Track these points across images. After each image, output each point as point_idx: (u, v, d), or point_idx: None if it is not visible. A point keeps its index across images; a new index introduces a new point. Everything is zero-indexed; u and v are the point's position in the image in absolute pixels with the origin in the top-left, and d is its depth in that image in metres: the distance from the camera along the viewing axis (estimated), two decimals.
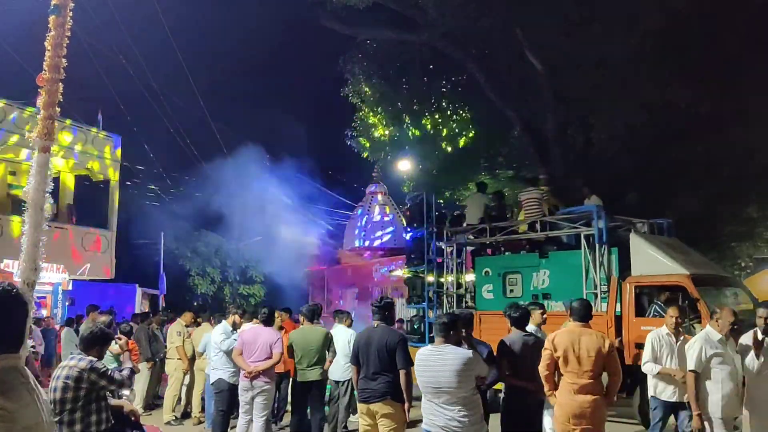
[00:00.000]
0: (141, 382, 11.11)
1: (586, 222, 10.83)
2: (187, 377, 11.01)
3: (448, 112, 21.83)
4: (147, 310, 18.14)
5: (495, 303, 11.38)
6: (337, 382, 9.17)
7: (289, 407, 9.38)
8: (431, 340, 10.63)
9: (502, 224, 12.33)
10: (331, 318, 10.54)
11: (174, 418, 10.49)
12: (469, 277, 12.73)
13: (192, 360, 10.91)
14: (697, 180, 15.67)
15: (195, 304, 25.99)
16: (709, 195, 16.39)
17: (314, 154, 26.49)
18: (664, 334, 6.77)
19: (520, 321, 6.35)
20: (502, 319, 10.06)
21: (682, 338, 6.72)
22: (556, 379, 5.72)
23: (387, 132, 22.46)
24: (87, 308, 12.71)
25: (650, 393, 6.87)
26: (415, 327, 12.85)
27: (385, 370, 5.89)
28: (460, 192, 22.63)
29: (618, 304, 9.86)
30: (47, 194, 3.63)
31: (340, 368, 8.86)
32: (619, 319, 9.71)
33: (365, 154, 23.42)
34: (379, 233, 23.99)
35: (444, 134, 22.70)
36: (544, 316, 7.38)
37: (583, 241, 10.67)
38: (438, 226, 12.87)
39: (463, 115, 22.14)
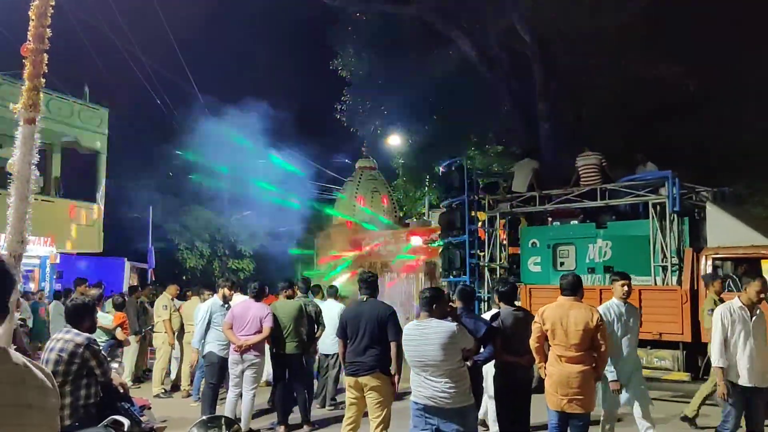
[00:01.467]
0: (130, 355, 11.15)
1: (651, 189, 10.22)
2: (177, 350, 11.06)
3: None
4: (136, 284, 18.10)
5: (543, 276, 10.84)
6: (326, 355, 9.24)
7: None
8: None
9: (555, 192, 11.50)
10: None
11: (163, 390, 10.55)
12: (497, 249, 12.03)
13: (180, 333, 10.96)
14: (686, 156, 15.72)
15: (184, 278, 26.02)
16: (699, 171, 16.49)
17: (303, 128, 26.31)
18: (737, 307, 5.88)
19: (509, 296, 6.40)
20: (553, 292, 9.98)
21: (758, 313, 5.87)
22: (546, 351, 5.78)
23: (375, 105, 22.34)
24: (75, 282, 12.67)
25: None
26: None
27: (375, 344, 5.94)
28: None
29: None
30: (33, 166, 3.58)
31: (329, 341, 8.92)
32: (694, 294, 9.15)
33: (355, 129, 23.33)
34: (368, 207, 23.94)
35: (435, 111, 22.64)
36: (626, 288, 6.32)
37: (651, 210, 9.98)
38: (479, 194, 12.16)
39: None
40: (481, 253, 12.04)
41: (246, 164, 23.87)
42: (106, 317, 9.01)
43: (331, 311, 8.99)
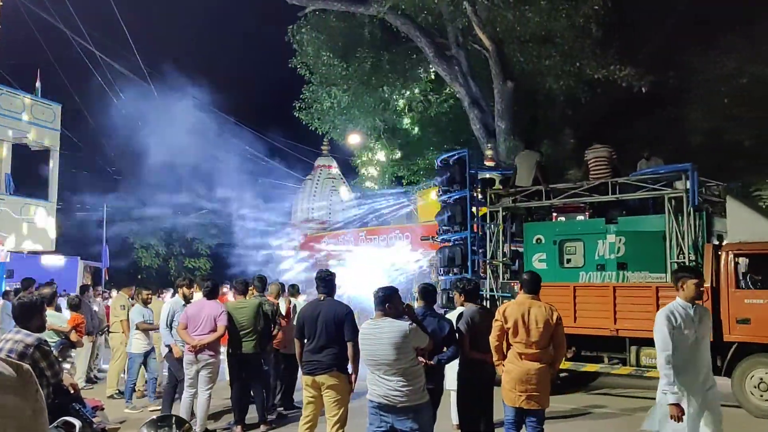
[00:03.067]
0: (82, 355, 10.95)
1: (665, 183, 9.92)
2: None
3: (397, 84, 21.78)
4: (89, 283, 17.76)
5: (549, 273, 10.32)
6: (285, 355, 9.20)
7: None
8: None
9: (562, 186, 11.10)
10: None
11: (117, 391, 10.38)
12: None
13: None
14: (637, 158, 16.14)
15: (139, 277, 25.62)
16: None
17: (262, 126, 26.17)
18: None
19: (473, 294, 6.45)
20: (563, 291, 9.92)
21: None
22: (505, 350, 5.85)
23: (336, 105, 22.30)
24: (22, 282, 12.28)
25: None
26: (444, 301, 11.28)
27: (332, 343, 5.96)
28: (414, 164, 22.74)
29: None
30: None
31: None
32: (715, 292, 8.91)
33: (314, 127, 23.26)
34: (326, 206, 23.94)
35: (394, 109, 22.72)
36: (699, 287, 5.16)
37: (667, 205, 9.64)
38: (481, 189, 11.73)
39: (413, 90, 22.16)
40: (479, 250, 11.62)
41: (203, 161, 23.62)
42: (59, 317, 8.82)
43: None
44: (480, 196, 11.82)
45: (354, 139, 24.48)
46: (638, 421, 8.57)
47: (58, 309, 9.53)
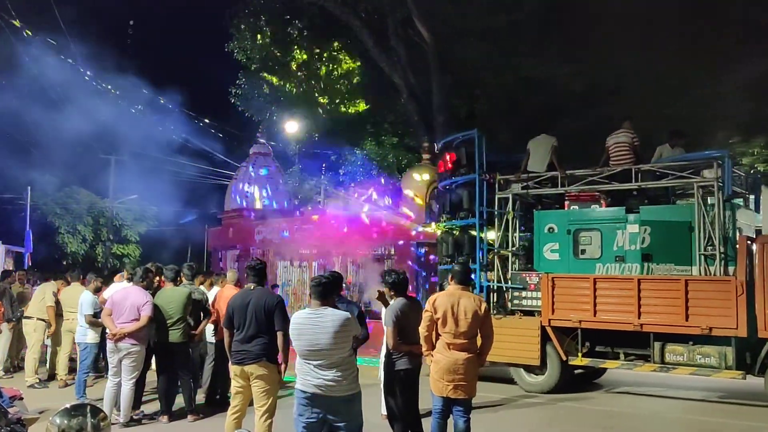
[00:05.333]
0: (1, 343, 10.52)
1: (693, 171, 9.45)
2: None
3: (334, 74, 21.68)
4: (11, 269, 17.04)
5: (562, 264, 10.07)
6: (212, 344, 9.04)
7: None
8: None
9: (580, 172, 10.47)
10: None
11: (38, 380, 10.03)
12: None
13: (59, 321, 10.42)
14: (572, 156, 16.55)
15: (64, 263, 24.76)
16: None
17: (196, 111, 25.57)
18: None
19: (401, 287, 6.43)
20: (581, 283, 9.46)
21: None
22: (434, 340, 5.87)
23: (274, 92, 22.04)
24: None
25: None
26: None
27: (262, 332, 5.88)
28: (346, 157, 22.66)
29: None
30: None
31: (212, 329, 8.76)
32: (749, 286, 8.48)
33: (250, 114, 22.94)
34: (260, 193, 23.62)
35: (328, 99, 22.60)
36: None
37: (696, 194, 9.19)
38: (491, 174, 10.93)
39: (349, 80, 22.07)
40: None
41: (134, 145, 22.96)
42: None
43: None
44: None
45: (291, 128, 24.21)
46: (566, 410, 8.83)
47: None
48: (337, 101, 22.87)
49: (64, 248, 26.40)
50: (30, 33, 19.21)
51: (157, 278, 8.80)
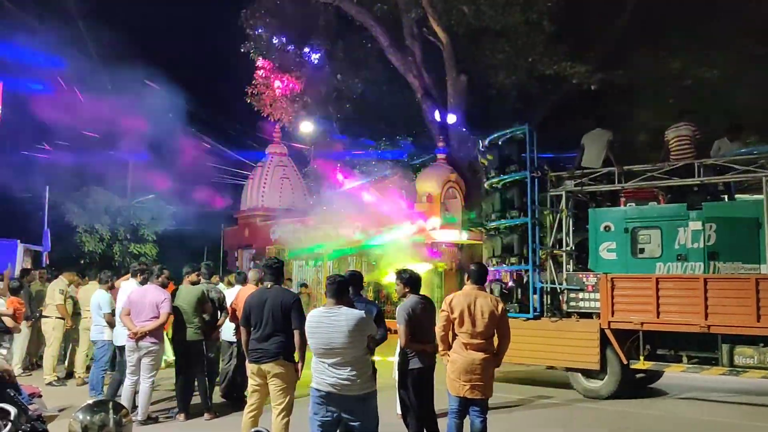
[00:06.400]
0: (20, 341, 10.65)
1: (759, 165, 9.08)
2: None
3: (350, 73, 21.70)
4: (29, 267, 17.22)
5: (619, 264, 9.75)
6: (231, 343, 9.10)
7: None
8: (526, 310, 10.00)
9: (638, 168, 10.06)
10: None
11: (56, 378, 10.15)
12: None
13: (76, 319, 10.53)
14: (572, 157, 16.56)
15: (82, 262, 24.95)
16: None
17: (213, 111, 25.75)
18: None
19: (416, 285, 6.43)
20: (643, 283, 9.10)
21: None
22: (450, 340, 5.87)
23: (289, 92, 22.09)
24: None
25: None
26: (504, 292, 10.45)
27: (279, 331, 5.90)
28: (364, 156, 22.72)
29: None
30: None
31: (232, 329, 8.80)
32: None
33: (266, 114, 23.02)
34: (277, 194, 23.75)
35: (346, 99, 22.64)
36: None
37: (765, 188, 8.80)
38: (543, 170, 10.54)
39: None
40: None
41: (151, 144, 23.13)
42: None
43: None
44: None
45: (306, 127, 24.30)
46: (580, 411, 8.81)
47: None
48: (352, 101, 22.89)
49: (82, 247, 26.55)
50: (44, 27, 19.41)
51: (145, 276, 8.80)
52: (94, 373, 9.06)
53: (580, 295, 9.88)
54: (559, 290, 10.16)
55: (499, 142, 11.16)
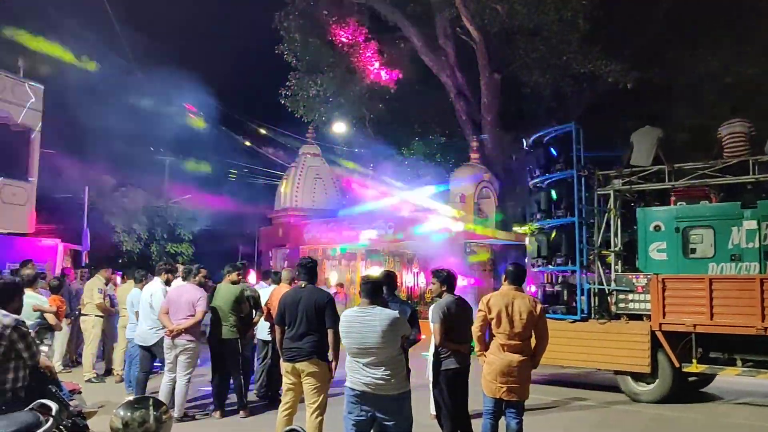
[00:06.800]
0: (60, 339, 10.87)
1: None
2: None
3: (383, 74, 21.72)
4: (69, 266, 17.60)
5: (670, 265, 9.51)
6: (266, 342, 9.18)
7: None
8: (573, 312, 9.84)
9: (689, 166, 9.83)
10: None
11: (95, 375, 10.34)
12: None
13: (115, 317, 10.74)
14: (618, 155, 16.31)
15: (120, 261, 25.40)
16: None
17: (247, 112, 26.00)
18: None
19: (452, 284, 6.41)
20: (695, 284, 8.83)
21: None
22: (487, 340, 5.84)
23: (322, 92, 22.20)
24: (21, 264, 12.04)
25: None
26: (541, 294, 10.40)
27: (313, 330, 5.93)
28: (397, 156, 22.73)
29: None
30: None
31: (267, 328, 8.87)
32: None
33: (299, 114, 23.17)
34: (310, 194, 23.86)
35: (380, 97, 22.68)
36: None
37: None
38: (590, 168, 10.31)
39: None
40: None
41: (186, 146, 23.44)
42: (40, 299, 8.71)
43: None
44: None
45: (339, 128, 24.39)
46: (615, 414, 8.70)
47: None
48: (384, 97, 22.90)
49: (120, 246, 27.07)
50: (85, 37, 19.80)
51: (170, 275, 8.93)
52: (131, 370, 9.23)
53: (630, 296, 9.60)
54: (607, 291, 9.93)
55: (544, 140, 10.98)
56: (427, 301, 17.33)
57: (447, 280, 6.33)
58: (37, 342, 4.91)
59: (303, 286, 6.19)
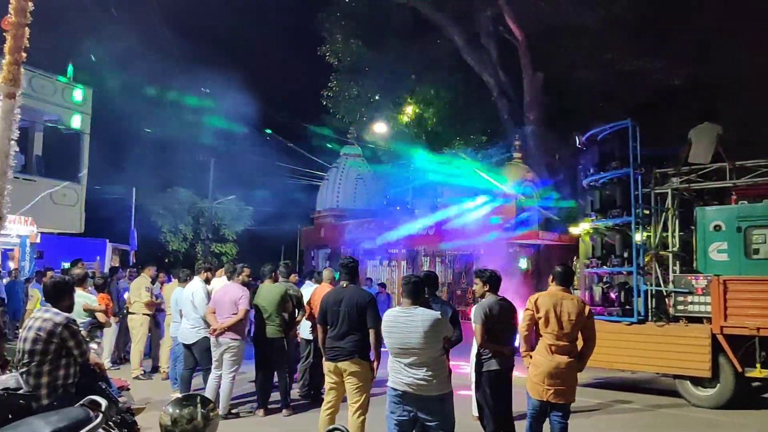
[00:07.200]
0: (109, 336, 11.11)
1: None
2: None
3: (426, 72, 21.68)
4: (117, 266, 18.01)
5: (731, 266, 9.17)
6: (308, 341, 9.24)
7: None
8: (630, 314, 9.59)
9: (752, 163, 9.52)
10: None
11: (142, 372, 10.54)
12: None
13: (162, 315, 10.95)
14: (672, 153, 15.94)
15: (166, 261, 25.90)
16: None
17: (288, 112, 26.23)
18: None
19: (495, 284, 6.36)
20: (760, 285, 8.55)
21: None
22: (533, 341, 5.77)
23: (363, 93, 22.27)
24: (72, 263, 12.37)
25: None
26: (597, 296, 10.19)
27: (354, 330, 5.95)
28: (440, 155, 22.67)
29: None
30: (12, 141, 3.54)
31: (309, 327, 8.93)
32: None
33: (340, 115, 23.28)
34: (352, 194, 23.97)
35: (420, 99, 22.63)
36: None
37: None
38: (647, 166, 10.01)
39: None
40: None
41: (230, 148, 23.74)
42: (90, 297, 8.91)
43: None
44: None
45: (380, 128, 24.43)
46: (661, 417, 8.52)
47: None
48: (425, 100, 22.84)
49: (167, 246, 27.62)
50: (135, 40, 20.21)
51: (209, 274, 9.10)
52: (177, 368, 9.37)
53: (689, 298, 9.25)
54: (665, 293, 9.62)
55: (599, 138, 10.73)
56: (469, 301, 17.22)
57: (490, 280, 6.28)
58: (87, 340, 5.03)
59: (345, 285, 6.22)
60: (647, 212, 10.10)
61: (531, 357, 5.69)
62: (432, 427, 4.73)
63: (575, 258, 15.08)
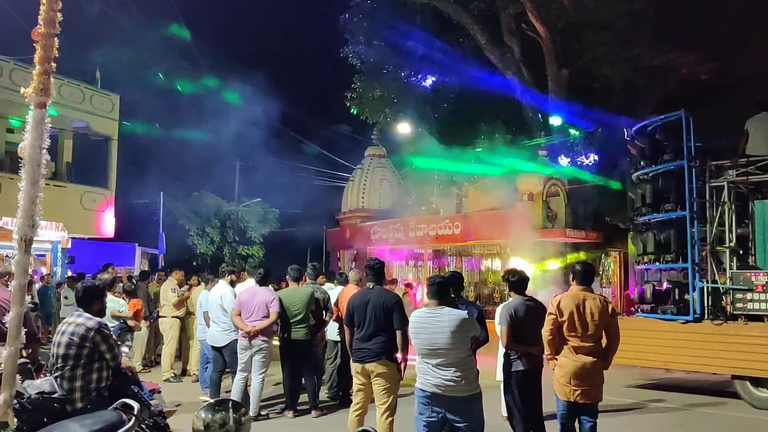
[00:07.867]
0: (140, 340, 11.25)
1: None
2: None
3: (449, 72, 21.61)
4: (147, 269, 18.25)
5: None
6: (336, 342, 9.27)
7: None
8: (685, 312, 9.39)
9: None
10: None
11: (173, 375, 10.66)
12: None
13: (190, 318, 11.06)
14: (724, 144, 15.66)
15: (194, 264, 26.16)
16: None
17: (312, 114, 26.34)
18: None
19: (519, 286, 6.32)
20: None
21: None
22: (557, 343, 5.73)
23: (386, 94, 22.25)
24: (102, 267, 12.56)
25: None
26: (649, 294, 9.90)
27: (381, 331, 5.97)
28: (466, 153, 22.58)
29: None
30: (44, 150, 3.60)
31: (336, 328, 8.96)
32: None
33: (364, 116, 23.29)
34: (377, 195, 23.98)
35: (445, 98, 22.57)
36: None
37: None
38: (702, 159, 9.66)
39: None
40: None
41: (256, 151, 23.90)
42: (119, 302, 9.05)
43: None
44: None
45: (404, 129, 24.39)
46: (694, 416, 8.40)
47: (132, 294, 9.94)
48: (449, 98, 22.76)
49: (194, 249, 27.89)
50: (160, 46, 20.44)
51: (233, 276, 9.20)
52: (206, 371, 9.47)
53: (748, 295, 8.87)
54: (722, 290, 9.31)
55: (648, 130, 10.42)
56: (496, 300, 17.13)
57: (517, 281, 6.26)
58: (119, 343, 5.10)
59: (371, 287, 6.23)
60: (702, 206, 9.74)
61: (556, 359, 5.66)
62: (461, 428, 4.72)
63: (603, 255, 14.91)
